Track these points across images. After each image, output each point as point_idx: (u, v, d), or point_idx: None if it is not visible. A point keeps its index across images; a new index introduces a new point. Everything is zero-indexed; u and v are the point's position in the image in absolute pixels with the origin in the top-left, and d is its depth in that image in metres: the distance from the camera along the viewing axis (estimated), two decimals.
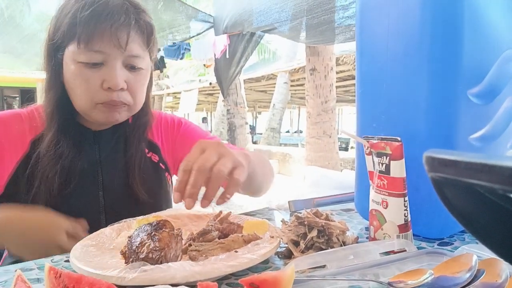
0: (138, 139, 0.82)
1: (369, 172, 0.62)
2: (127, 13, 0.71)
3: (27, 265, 0.55)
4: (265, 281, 0.35)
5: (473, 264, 0.41)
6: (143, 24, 0.74)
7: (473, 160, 0.20)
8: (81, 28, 0.68)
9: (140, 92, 0.77)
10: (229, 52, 4.99)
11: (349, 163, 6.03)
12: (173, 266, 0.44)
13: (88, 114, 0.74)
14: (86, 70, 0.70)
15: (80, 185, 0.75)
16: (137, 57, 0.74)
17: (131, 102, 0.75)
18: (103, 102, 0.72)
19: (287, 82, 9.05)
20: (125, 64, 0.73)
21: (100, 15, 0.68)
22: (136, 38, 0.73)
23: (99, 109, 0.73)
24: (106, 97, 0.72)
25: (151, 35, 0.76)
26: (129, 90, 0.74)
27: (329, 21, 3.70)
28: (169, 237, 0.49)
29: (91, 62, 0.70)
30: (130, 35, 0.71)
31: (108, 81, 0.70)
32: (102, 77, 0.71)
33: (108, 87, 0.71)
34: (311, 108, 5.20)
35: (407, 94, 0.62)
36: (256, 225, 0.61)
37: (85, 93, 0.71)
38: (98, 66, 0.71)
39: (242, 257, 0.48)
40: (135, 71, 0.75)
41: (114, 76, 0.70)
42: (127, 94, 0.74)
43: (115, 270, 0.44)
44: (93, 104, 0.72)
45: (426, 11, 0.59)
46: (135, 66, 0.74)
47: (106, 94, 0.71)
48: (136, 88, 0.75)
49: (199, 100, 12.37)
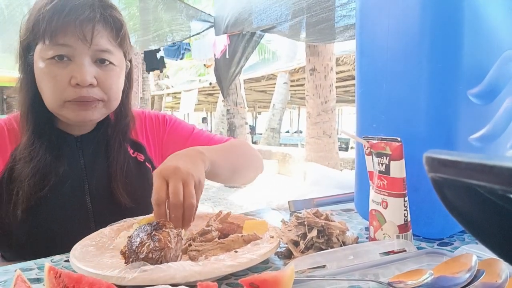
0: (119, 143, 0.81)
1: (369, 172, 0.62)
2: (92, 7, 0.70)
3: (27, 265, 0.55)
4: (265, 281, 0.35)
5: (473, 264, 0.41)
6: (110, 18, 0.73)
7: (473, 160, 0.20)
8: (45, 24, 0.67)
9: (114, 89, 0.75)
10: (229, 52, 5.00)
11: (349, 163, 6.03)
12: (173, 266, 0.44)
13: (59, 113, 0.73)
14: (53, 67, 0.69)
15: (67, 192, 0.74)
16: (106, 51, 0.72)
17: (104, 98, 0.74)
18: (72, 99, 0.70)
19: (287, 82, 9.05)
20: (94, 59, 0.72)
21: (64, 10, 0.68)
22: (103, 33, 0.72)
23: (69, 107, 0.71)
24: (75, 94, 0.70)
25: (120, 30, 0.75)
26: (100, 86, 0.73)
27: (328, 19, 3.70)
28: (169, 237, 0.49)
29: (57, 55, 0.69)
30: (96, 29, 0.70)
31: (76, 77, 0.69)
32: (70, 73, 0.69)
33: (76, 83, 0.69)
34: (311, 108, 5.20)
35: (407, 94, 0.62)
36: (256, 225, 0.61)
37: (54, 90, 0.70)
38: (65, 62, 0.70)
39: (241, 257, 0.48)
40: (106, 66, 0.73)
41: (82, 71, 0.69)
42: (99, 90, 0.73)
43: (115, 270, 0.44)
44: (62, 102, 0.71)
45: (426, 11, 0.59)
46: (105, 61, 0.73)
47: (75, 91, 0.70)
48: (107, 84, 0.73)
49: (199, 100, 12.38)
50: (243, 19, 4.60)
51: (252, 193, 5.29)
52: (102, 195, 0.78)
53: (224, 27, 4.91)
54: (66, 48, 0.69)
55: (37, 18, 0.68)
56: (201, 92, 11.84)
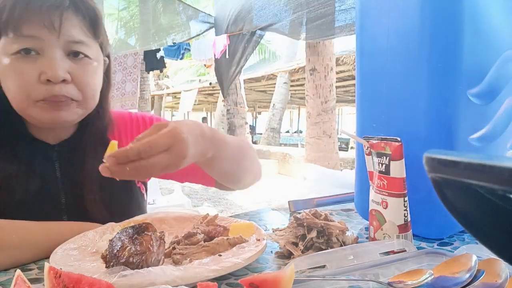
0: (95, 148, 0.71)
1: (369, 172, 0.62)
2: None
3: (27, 265, 0.55)
4: (265, 281, 0.35)
5: (473, 264, 0.41)
6: (81, 5, 0.65)
7: (473, 160, 0.20)
8: (7, 14, 0.60)
9: (91, 86, 0.67)
10: (229, 52, 5.00)
11: (349, 163, 6.03)
12: (153, 271, 0.43)
13: (27, 113, 0.64)
14: (19, 62, 0.61)
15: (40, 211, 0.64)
16: (79, 43, 0.64)
17: (79, 97, 0.65)
18: (43, 98, 0.62)
19: (287, 82, 9.06)
20: (66, 52, 0.64)
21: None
22: (75, 21, 0.64)
23: (39, 107, 0.63)
24: (46, 92, 0.62)
25: (95, 19, 0.67)
26: (75, 82, 0.64)
27: (327, 14, 3.71)
28: (151, 240, 0.48)
29: (23, 49, 0.61)
30: (65, 17, 0.62)
31: (45, 72, 0.61)
32: (39, 68, 0.61)
33: (47, 79, 0.61)
34: (311, 108, 5.21)
35: (407, 94, 0.62)
36: (242, 227, 0.60)
37: (21, 88, 0.62)
38: (33, 56, 0.61)
39: (225, 261, 0.47)
40: (80, 60, 0.65)
41: (53, 65, 0.61)
42: (73, 88, 0.64)
43: (94, 275, 0.42)
44: (31, 101, 0.62)
45: (426, 11, 0.59)
46: (79, 53, 0.65)
47: (46, 88, 0.61)
48: (83, 80, 0.65)
49: (199, 100, 12.38)
50: (243, 17, 4.61)
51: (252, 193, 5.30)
52: (80, 211, 0.69)
53: (224, 27, 4.92)
54: (33, 40, 0.61)
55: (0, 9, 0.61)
56: (201, 92, 11.84)
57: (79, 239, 0.58)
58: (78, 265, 0.50)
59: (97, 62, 0.69)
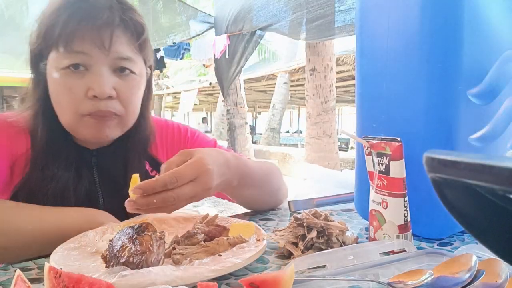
0: (138, 159, 0.74)
1: (369, 172, 0.62)
2: (111, 10, 0.64)
3: (27, 265, 0.55)
4: (265, 281, 0.35)
5: (473, 264, 0.41)
6: (130, 23, 0.66)
7: (473, 160, 0.20)
8: (60, 29, 0.61)
9: (133, 101, 0.69)
10: (229, 52, 5.00)
11: (349, 163, 6.03)
12: (153, 271, 0.43)
13: (75, 129, 0.67)
14: (69, 77, 0.63)
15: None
16: (126, 59, 0.66)
17: (122, 112, 0.67)
18: (89, 113, 0.64)
19: (287, 82, 9.05)
20: (113, 68, 0.66)
21: (80, 14, 0.62)
22: (123, 39, 0.66)
23: (85, 122, 0.65)
24: (92, 107, 0.64)
25: (141, 35, 0.68)
26: (119, 98, 0.66)
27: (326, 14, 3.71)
28: (151, 240, 0.48)
29: (72, 65, 0.63)
30: (116, 35, 0.64)
31: (93, 88, 0.63)
32: (87, 84, 0.63)
33: (94, 95, 0.63)
34: (311, 108, 5.21)
35: (407, 94, 0.62)
36: (242, 227, 0.60)
37: (69, 103, 0.64)
38: (81, 72, 0.64)
39: (225, 261, 0.47)
40: (126, 76, 0.67)
41: (100, 82, 0.63)
42: (117, 103, 0.66)
43: (94, 274, 0.43)
44: (79, 116, 0.64)
45: (426, 11, 0.59)
46: (125, 70, 0.67)
47: (92, 104, 0.64)
48: (127, 96, 0.67)
49: (199, 100, 12.38)
50: (242, 17, 4.61)
51: None
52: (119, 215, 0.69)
53: (224, 27, 4.92)
54: (83, 55, 0.63)
55: (50, 23, 0.63)
56: (201, 92, 11.84)
57: (79, 239, 0.58)
58: (78, 265, 0.49)
59: (141, 76, 0.71)
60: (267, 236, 0.57)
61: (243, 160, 0.69)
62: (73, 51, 0.62)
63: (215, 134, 10.43)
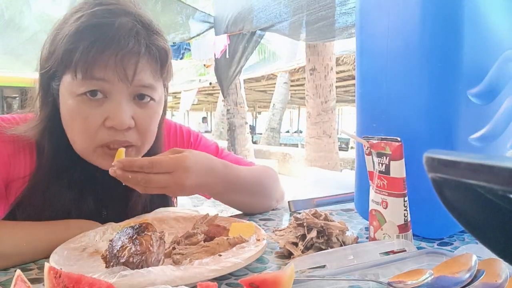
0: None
1: (369, 172, 0.62)
2: (136, 37, 0.59)
3: (27, 265, 0.55)
4: (265, 281, 0.35)
5: (473, 264, 0.41)
6: (155, 50, 0.61)
7: (473, 160, 0.20)
8: (80, 55, 0.56)
9: (150, 131, 0.65)
10: (229, 52, 4.99)
11: (349, 163, 6.03)
12: (153, 271, 0.43)
13: (89, 158, 0.63)
14: (85, 105, 0.59)
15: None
16: (148, 87, 0.62)
17: (138, 142, 0.64)
18: (105, 143, 0.61)
19: (287, 82, 9.05)
20: (132, 95, 0.62)
21: (103, 41, 0.57)
22: (147, 67, 0.61)
23: (100, 153, 0.62)
24: (109, 137, 0.60)
25: (165, 62, 0.64)
26: (137, 127, 0.63)
27: (327, 16, 3.71)
28: (151, 240, 0.48)
29: (90, 91, 0.59)
30: (140, 64, 0.60)
31: (111, 118, 0.59)
32: (105, 113, 0.59)
33: (111, 126, 0.59)
34: (311, 108, 5.20)
35: (407, 94, 0.62)
36: (242, 227, 0.60)
37: (85, 132, 0.60)
38: (99, 100, 0.59)
39: (225, 261, 0.47)
40: (145, 104, 0.63)
41: (119, 113, 0.59)
42: (134, 133, 0.63)
43: (94, 274, 0.42)
44: (94, 147, 0.61)
45: (426, 11, 0.59)
46: (145, 98, 0.63)
47: (109, 134, 0.60)
48: (145, 125, 0.63)
49: (199, 100, 12.37)
50: (243, 18, 4.61)
51: None
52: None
53: (224, 27, 4.92)
54: (103, 83, 0.58)
55: (68, 46, 0.57)
56: (201, 92, 11.84)
57: (79, 239, 0.58)
58: (78, 265, 0.50)
59: (159, 102, 0.67)
60: (267, 236, 0.57)
61: (234, 168, 0.70)
62: (93, 78, 0.58)
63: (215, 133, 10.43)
